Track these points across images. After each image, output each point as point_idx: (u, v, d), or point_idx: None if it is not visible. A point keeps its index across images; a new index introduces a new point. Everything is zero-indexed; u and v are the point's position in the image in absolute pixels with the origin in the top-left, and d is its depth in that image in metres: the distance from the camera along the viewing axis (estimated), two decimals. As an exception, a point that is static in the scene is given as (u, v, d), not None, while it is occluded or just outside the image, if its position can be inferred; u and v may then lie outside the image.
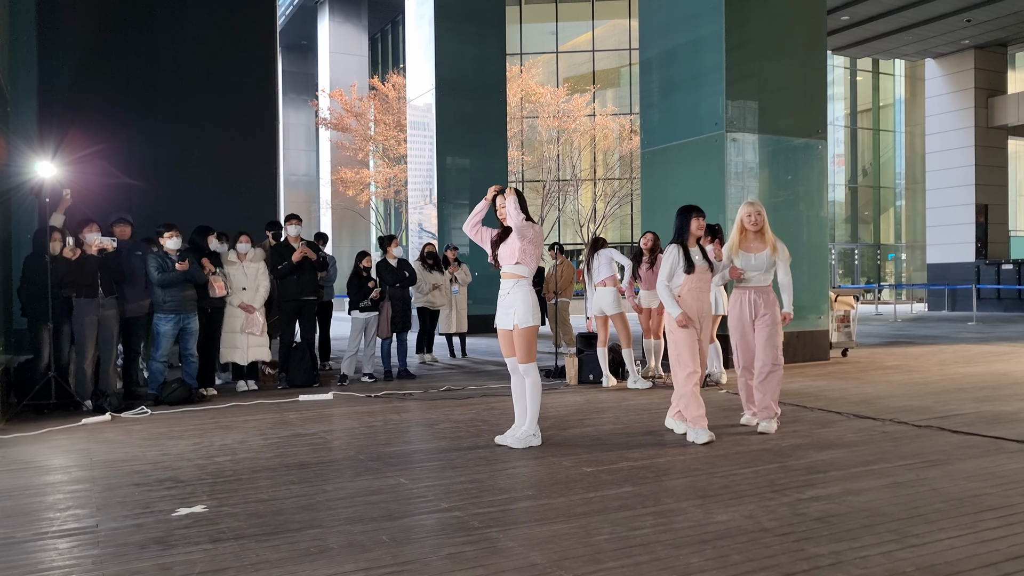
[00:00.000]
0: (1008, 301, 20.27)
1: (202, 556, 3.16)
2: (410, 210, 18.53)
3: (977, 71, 26.07)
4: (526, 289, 5.18)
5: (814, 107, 10.15)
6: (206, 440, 5.55)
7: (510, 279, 5.22)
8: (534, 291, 5.24)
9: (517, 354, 5.18)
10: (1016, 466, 4.49)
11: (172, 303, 7.17)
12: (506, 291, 5.22)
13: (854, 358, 10.35)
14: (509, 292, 5.21)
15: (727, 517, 3.61)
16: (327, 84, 32.11)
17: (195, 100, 11.29)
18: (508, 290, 5.21)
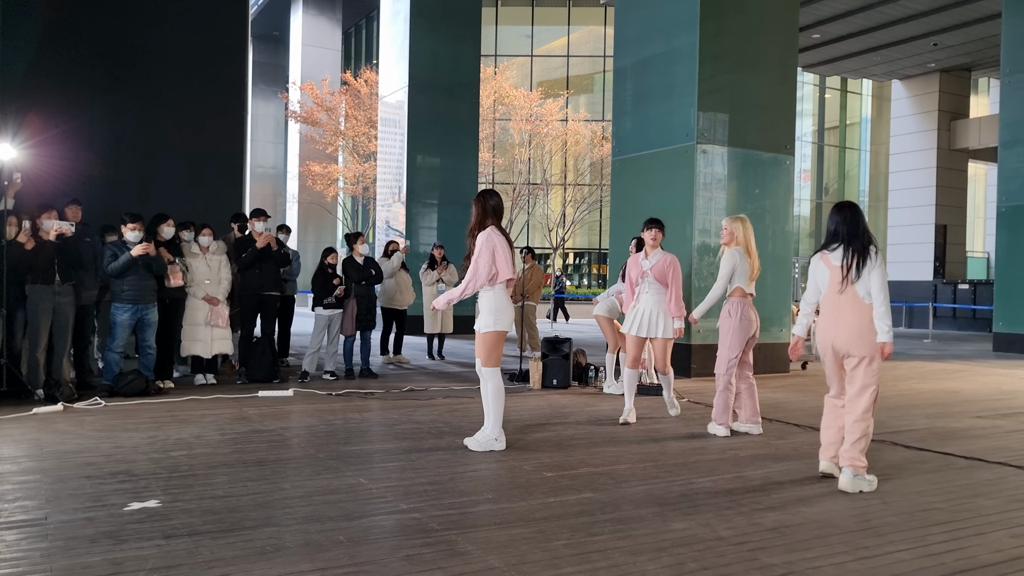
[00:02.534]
0: (963, 320, 20.72)
1: (154, 552, 3.11)
2: (378, 207, 18.43)
3: (941, 94, 26.65)
4: (491, 294, 5.16)
5: (783, 123, 10.29)
6: (162, 433, 5.47)
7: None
8: (500, 295, 5.17)
9: (480, 357, 5.17)
10: (964, 482, 4.59)
11: (130, 292, 7.03)
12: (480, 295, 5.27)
13: (813, 371, 10.50)
14: (479, 296, 5.24)
15: (684, 525, 3.64)
16: (298, 77, 31.85)
17: (161, 86, 11.09)
18: (481, 293, 5.25)
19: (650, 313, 6.25)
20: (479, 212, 5.23)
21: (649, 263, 6.32)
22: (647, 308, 6.27)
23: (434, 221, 16.68)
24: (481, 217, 5.21)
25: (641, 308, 6.31)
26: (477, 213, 5.24)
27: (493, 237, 5.14)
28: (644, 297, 6.32)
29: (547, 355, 8.39)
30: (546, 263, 30.40)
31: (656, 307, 6.25)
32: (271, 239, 8.12)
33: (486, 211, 5.22)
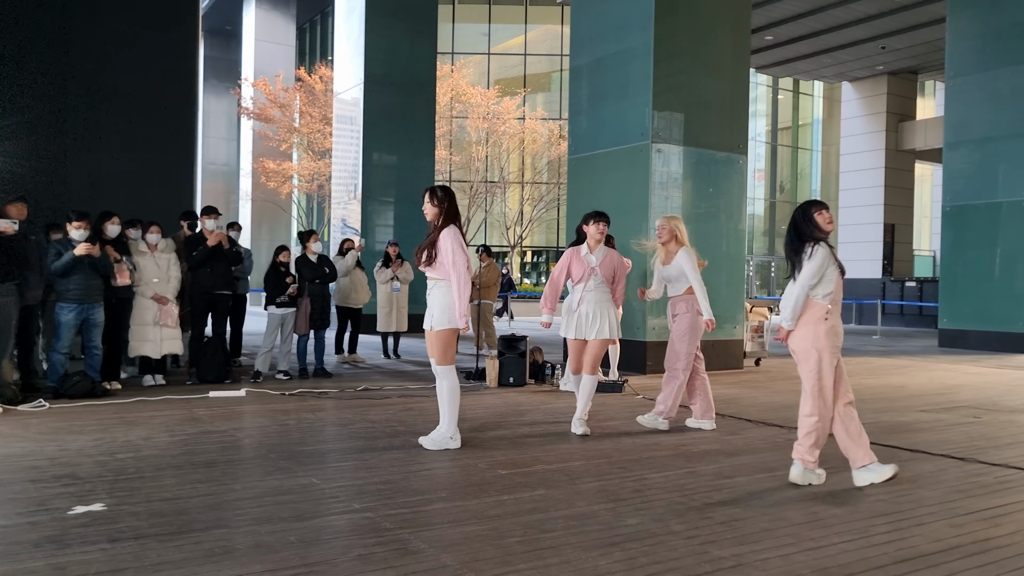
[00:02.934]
0: (910, 317, 21.25)
1: (99, 556, 3.04)
2: (333, 205, 18.26)
3: (889, 96, 27.30)
4: (443, 290, 5.11)
5: (737, 123, 10.44)
6: (108, 435, 5.35)
7: (431, 280, 5.20)
8: (452, 292, 5.11)
9: (434, 356, 5.15)
10: (907, 474, 4.70)
11: (76, 292, 6.87)
12: (428, 291, 5.22)
13: (766, 367, 10.68)
14: (430, 292, 5.20)
15: (636, 520, 3.68)
16: (251, 72, 31.41)
17: (109, 81, 10.85)
18: (429, 290, 5.21)
19: (592, 314, 5.77)
20: (450, 210, 5.19)
21: (596, 259, 5.85)
22: (589, 309, 5.79)
23: (390, 219, 16.57)
24: (449, 215, 5.18)
25: (584, 309, 5.81)
26: (447, 210, 5.18)
27: (459, 235, 5.17)
28: (588, 297, 5.81)
29: (503, 353, 8.40)
30: (503, 261, 30.44)
31: (597, 307, 5.78)
32: (222, 237, 7.99)
33: (452, 212, 5.21)
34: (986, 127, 14.16)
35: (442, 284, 5.13)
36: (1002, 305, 13.82)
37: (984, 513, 3.91)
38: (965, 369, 10.93)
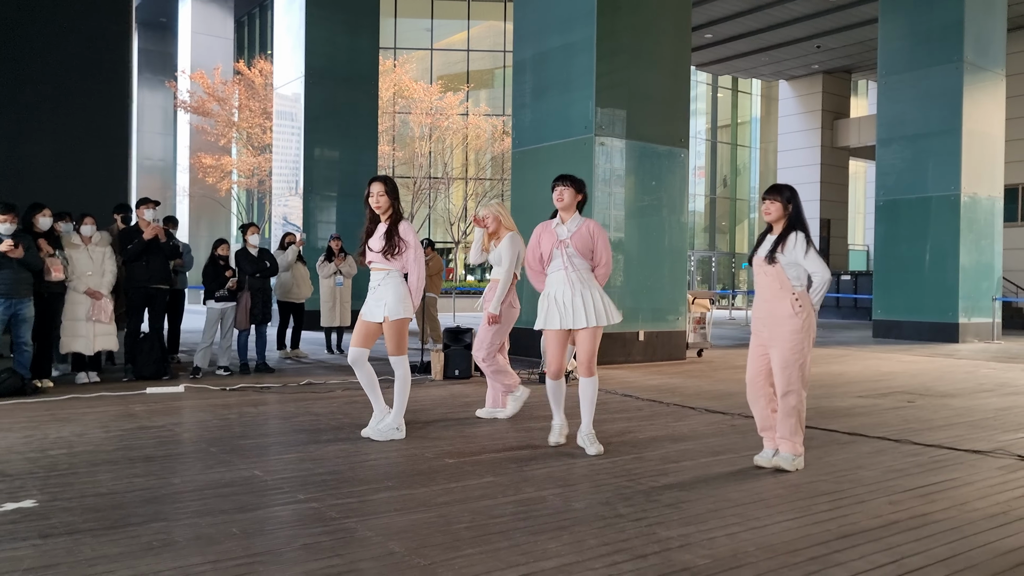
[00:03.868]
0: (846, 309, 21.83)
1: (30, 552, 2.92)
2: (274, 201, 17.94)
3: (824, 94, 28.00)
4: (397, 280, 5.09)
5: (677, 116, 10.57)
6: (39, 432, 5.15)
7: (380, 271, 5.13)
8: (405, 283, 5.14)
9: (388, 346, 5.10)
10: (847, 455, 4.82)
11: (3, 286, 6.58)
12: (376, 283, 5.13)
13: (708, 358, 10.85)
14: (380, 284, 5.11)
15: (584, 504, 3.68)
16: (187, 65, 30.63)
17: (37, 70, 10.45)
18: (379, 282, 5.12)
19: (572, 297, 4.80)
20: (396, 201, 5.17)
21: (567, 231, 4.88)
22: (566, 291, 4.81)
23: (332, 215, 16.35)
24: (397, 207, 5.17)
25: (555, 292, 4.85)
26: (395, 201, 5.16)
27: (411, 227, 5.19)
28: (558, 276, 4.85)
29: (449, 346, 8.35)
30: (448, 258, 30.33)
31: (577, 288, 4.80)
32: (159, 230, 7.77)
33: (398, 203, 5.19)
34: (917, 124, 14.63)
35: (394, 274, 5.09)
36: (933, 296, 14.30)
37: (920, 491, 4.03)
38: (899, 358, 11.27)
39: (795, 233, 4.37)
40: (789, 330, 4.32)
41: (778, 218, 4.44)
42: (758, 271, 4.46)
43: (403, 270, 5.13)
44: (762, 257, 4.42)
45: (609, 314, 4.83)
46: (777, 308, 4.36)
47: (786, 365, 4.33)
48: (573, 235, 4.85)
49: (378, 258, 5.09)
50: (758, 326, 4.48)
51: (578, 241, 4.84)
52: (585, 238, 4.84)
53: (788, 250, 4.35)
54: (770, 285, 4.39)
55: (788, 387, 4.35)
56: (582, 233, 4.85)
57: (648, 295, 10.13)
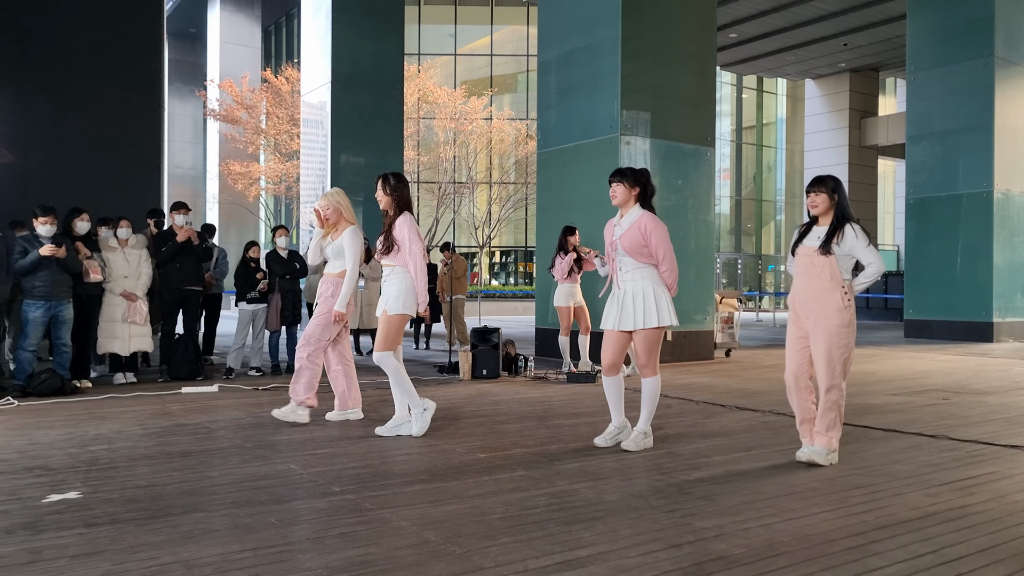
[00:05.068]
0: (876, 310, 21.59)
1: (75, 540, 2.98)
2: (302, 207, 18.11)
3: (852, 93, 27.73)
4: (401, 276, 5.10)
5: (703, 115, 10.54)
6: (79, 429, 5.25)
7: (386, 268, 5.17)
8: (410, 279, 5.12)
9: (376, 339, 5.12)
10: (882, 451, 4.78)
11: (42, 288, 6.73)
12: (384, 278, 5.18)
13: (736, 358, 10.78)
14: (385, 280, 5.16)
15: (617, 497, 3.69)
16: (216, 74, 31.04)
17: (73, 80, 10.67)
18: (385, 278, 5.17)
19: (628, 297, 4.68)
20: (404, 197, 5.20)
21: (622, 228, 4.71)
22: (624, 290, 4.71)
23: (359, 219, 16.47)
24: (402, 203, 5.19)
25: (619, 292, 4.75)
26: (401, 198, 5.18)
27: (414, 222, 5.19)
28: (620, 277, 4.74)
29: (476, 346, 8.39)
30: (472, 262, 30.40)
31: (634, 287, 4.67)
32: (191, 233, 7.89)
33: (406, 199, 5.22)
34: (947, 121, 14.45)
35: (398, 271, 5.12)
36: (965, 295, 14.10)
37: (958, 484, 3.98)
38: (932, 357, 11.13)
39: (851, 224, 4.34)
40: (837, 324, 4.29)
41: (825, 210, 4.40)
42: (805, 262, 4.39)
43: (407, 266, 5.12)
44: (814, 248, 4.35)
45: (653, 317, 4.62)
46: (825, 300, 4.31)
47: (832, 359, 4.30)
48: (623, 234, 4.67)
49: (381, 255, 5.15)
50: (800, 317, 4.43)
51: (627, 240, 4.64)
52: (635, 236, 4.61)
53: (847, 241, 4.30)
54: (819, 276, 4.33)
55: (832, 381, 4.32)
56: (632, 232, 4.63)
57: (675, 295, 10.07)
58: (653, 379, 4.76)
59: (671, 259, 4.69)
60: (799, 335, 4.46)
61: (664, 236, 4.65)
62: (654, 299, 4.64)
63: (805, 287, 4.40)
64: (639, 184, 4.71)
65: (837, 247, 4.31)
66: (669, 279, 4.71)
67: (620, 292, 4.71)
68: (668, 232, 4.71)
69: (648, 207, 4.74)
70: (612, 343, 4.74)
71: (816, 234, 4.42)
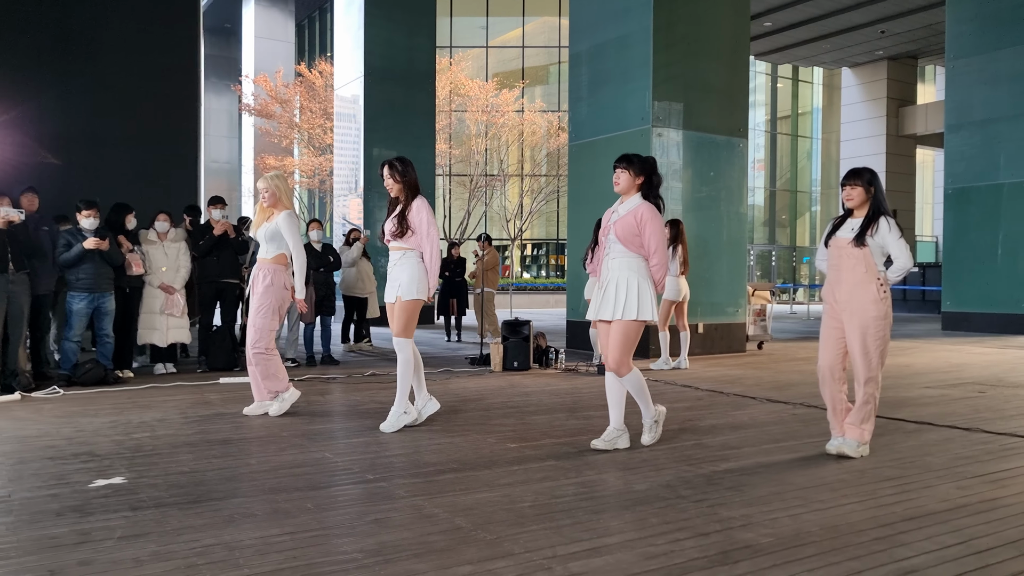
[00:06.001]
0: (913, 302, 21.29)
1: (122, 523, 3.11)
2: (335, 200, 18.31)
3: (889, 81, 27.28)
4: (413, 260, 5.02)
5: (736, 106, 10.48)
6: (123, 417, 5.42)
7: (396, 251, 5.07)
8: (422, 263, 5.05)
9: (393, 327, 5.02)
10: (913, 443, 4.77)
11: (86, 281, 6.94)
12: (392, 263, 5.09)
13: (769, 351, 10.74)
14: (396, 264, 5.06)
15: (646, 487, 3.74)
16: (251, 69, 31.46)
17: (111, 77, 10.92)
18: (395, 262, 5.07)
19: (609, 287, 4.48)
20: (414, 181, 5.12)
21: (618, 215, 4.54)
22: (608, 280, 4.51)
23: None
24: (414, 186, 5.11)
25: (604, 281, 4.54)
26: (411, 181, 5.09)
27: (429, 206, 5.10)
28: (607, 265, 4.54)
29: (507, 338, 8.45)
30: (504, 255, 30.48)
31: (618, 277, 4.46)
32: (228, 226, 8.05)
33: (415, 182, 5.13)
34: (986, 109, 14.20)
35: (411, 255, 5.02)
36: (1005, 287, 13.86)
37: (990, 476, 3.97)
38: (969, 349, 10.98)
39: (886, 217, 4.32)
40: (873, 316, 4.28)
41: (861, 203, 4.38)
42: (840, 254, 4.37)
43: (419, 249, 5.04)
44: (849, 240, 4.33)
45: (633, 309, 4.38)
46: (861, 292, 4.30)
47: (868, 352, 4.29)
48: (618, 220, 4.48)
49: (391, 238, 5.05)
50: (835, 309, 4.43)
51: (621, 227, 4.44)
52: (630, 224, 4.42)
53: (881, 233, 4.28)
54: (854, 268, 4.32)
55: (869, 373, 4.32)
56: (627, 219, 4.44)
57: (707, 288, 10.07)
58: (629, 376, 4.45)
59: (663, 253, 4.47)
60: (834, 326, 4.46)
61: (659, 229, 4.45)
62: (636, 291, 4.40)
63: (840, 279, 4.40)
64: (644, 173, 4.53)
65: (871, 239, 4.30)
66: (658, 274, 4.49)
67: (604, 281, 4.53)
68: (663, 226, 4.53)
69: (653, 197, 4.55)
70: (603, 334, 4.56)
71: (850, 226, 4.41)
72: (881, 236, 4.28)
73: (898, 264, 4.33)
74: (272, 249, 5.62)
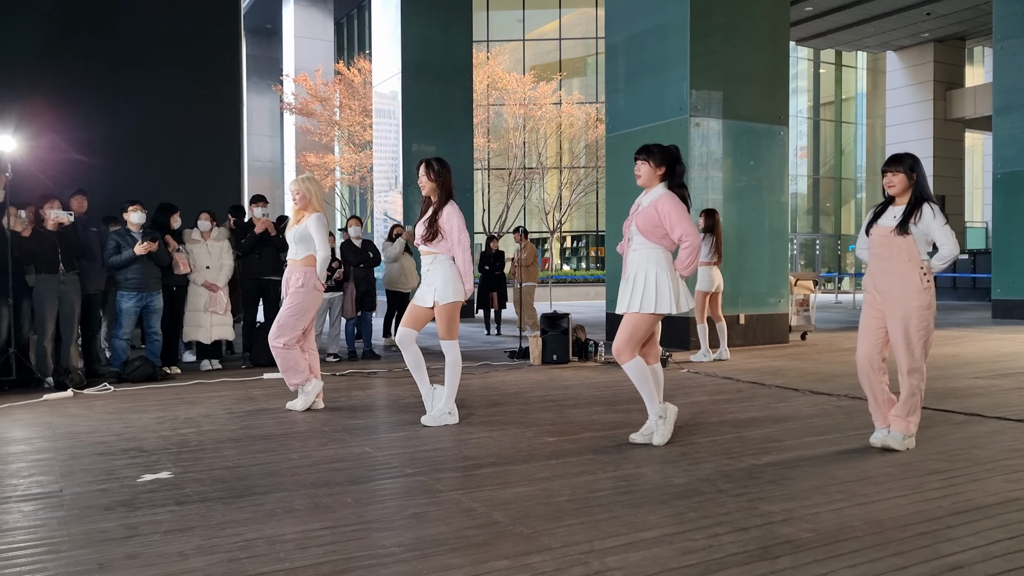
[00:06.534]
0: (963, 290, 20.79)
1: (168, 517, 3.18)
2: (376, 196, 18.46)
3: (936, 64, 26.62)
4: (445, 264, 5.09)
5: (776, 94, 10.31)
6: (170, 413, 5.55)
7: (428, 256, 5.14)
8: (454, 266, 5.12)
9: (439, 330, 5.11)
10: (961, 435, 4.66)
11: (134, 280, 7.11)
12: (426, 268, 5.15)
13: (812, 341, 10.58)
14: (429, 268, 5.13)
15: (684, 480, 3.71)
16: (292, 69, 31.84)
17: (157, 80, 11.12)
18: (427, 267, 5.14)
19: (631, 279, 4.44)
20: (448, 184, 5.16)
21: (641, 206, 4.50)
22: (628, 271, 4.50)
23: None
24: (447, 189, 5.15)
25: (627, 272, 4.51)
26: (445, 184, 5.14)
27: (459, 210, 5.16)
28: (629, 257, 4.52)
29: (546, 331, 8.45)
30: (543, 247, 30.45)
31: (637, 268, 4.42)
32: (269, 224, 8.17)
33: (449, 185, 5.18)
34: (1037, 91, 13.78)
35: (441, 258, 5.09)
36: (1059, 273, 13.46)
37: (1040, 469, 3.87)
38: (1020, 339, 10.70)
39: (929, 204, 4.22)
40: (916, 306, 4.19)
41: (903, 190, 4.29)
42: (882, 242, 4.29)
43: (450, 254, 5.10)
44: (891, 228, 4.25)
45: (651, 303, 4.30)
46: (904, 282, 4.21)
47: (911, 342, 4.20)
48: (640, 212, 4.42)
49: (423, 242, 5.11)
50: (876, 298, 4.35)
51: (643, 219, 4.39)
52: (651, 215, 4.35)
53: (925, 220, 4.18)
54: (896, 257, 4.23)
55: (912, 364, 4.23)
56: (648, 210, 4.37)
57: (748, 278, 9.95)
58: (630, 364, 4.36)
59: (694, 236, 4.32)
60: (873, 316, 4.37)
61: (683, 214, 4.32)
62: (655, 284, 4.33)
63: (882, 268, 4.31)
64: (666, 163, 4.43)
65: (915, 227, 4.20)
66: (690, 258, 4.35)
67: (625, 272, 4.50)
68: (686, 211, 4.37)
69: (676, 187, 4.46)
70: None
71: (892, 214, 4.31)
72: (925, 223, 4.19)
73: (944, 252, 4.23)
74: (302, 251, 5.73)
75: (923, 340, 4.22)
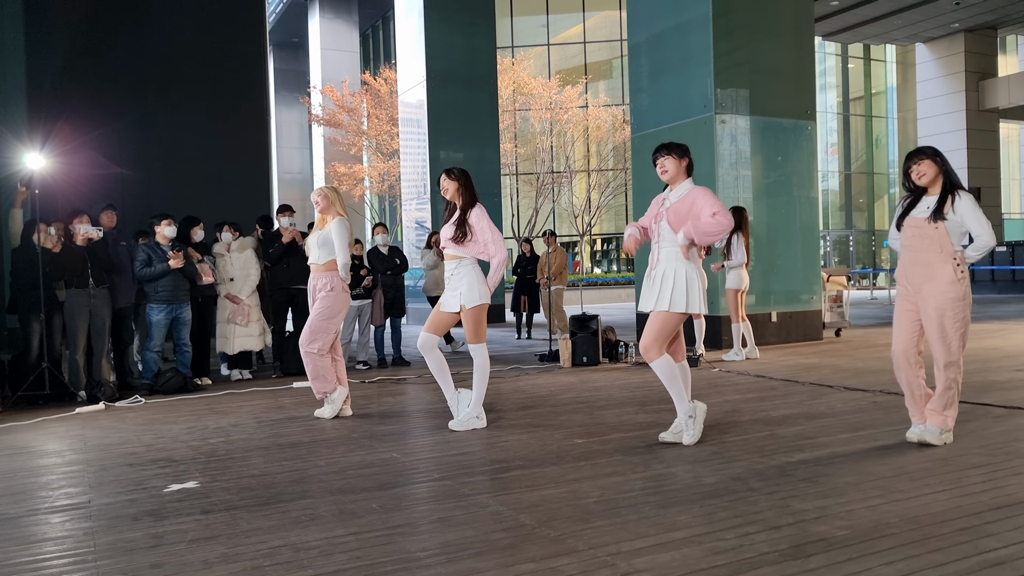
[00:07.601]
0: (1002, 283, 20.33)
1: (193, 526, 3.18)
2: (404, 204, 18.52)
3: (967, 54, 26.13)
4: (469, 268, 5.07)
5: (803, 89, 10.17)
6: (200, 424, 5.58)
7: (452, 260, 5.12)
8: (478, 269, 5.10)
9: (467, 334, 5.09)
10: (1002, 429, 4.53)
11: (164, 293, 7.18)
12: (450, 272, 5.13)
13: (847, 338, 10.39)
14: (453, 273, 5.11)
15: (715, 479, 3.64)
16: (319, 81, 32.12)
17: (185, 95, 11.29)
18: (452, 271, 5.12)
19: (660, 277, 4.39)
20: (473, 189, 5.18)
21: (670, 201, 4.45)
22: (656, 270, 4.43)
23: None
24: (472, 193, 5.17)
25: (654, 271, 4.45)
26: (471, 188, 5.17)
27: (486, 212, 5.15)
28: (657, 254, 4.45)
29: (576, 333, 8.39)
30: (573, 251, 30.35)
31: (666, 267, 4.38)
32: (296, 233, 8.21)
33: (473, 190, 5.19)
34: (1075, 76, 13.44)
35: (465, 263, 5.07)
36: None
37: (1086, 462, 3.74)
38: (1064, 329, 10.42)
39: (962, 192, 4.12)
40: (951, 297, 4.08)
41: (934, 178, 4.17)
42: (915, 233, 4.17)
43: (478, 256, 5.08)
44: (924, 218, 4.14)
45: (681, 302, 4.28)
46: (937, 273, 4.10)
47: (947, 335, 4.09)
48: (671, 207, 4.38)
49: (450, 245, 5.09)
50: (909, 291, 4.23)
51: (674, 215, 4.34)
52: (683, 212, 4.31)
53: (959, 209, 4.07)
54: (929, 248, 4.12)
55: (949, 358, 4.12)
56: (680, 205, 4.35)
57: (780, 275, 9.80)
58: (659, 362, 4.32)
59: (726, 216, 4.23)
60: (907, 309, 4.26)
61: (710, 197, 4.29)
62: (685, 283, 4.30)
63: (914, 260, 4.20)
64: (687, 156, 4.46)
65: (951, 215, 4.09)
66: (711, 231, 4.22)
67: (653, 270, 4.43)
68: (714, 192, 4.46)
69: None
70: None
71: (925, 204, 4.20)
72: (960, 212, 4.07)
73: (979, 242, 4.11)
74: (324, 255, 5.73)
75: (959, 332, 4.10)
